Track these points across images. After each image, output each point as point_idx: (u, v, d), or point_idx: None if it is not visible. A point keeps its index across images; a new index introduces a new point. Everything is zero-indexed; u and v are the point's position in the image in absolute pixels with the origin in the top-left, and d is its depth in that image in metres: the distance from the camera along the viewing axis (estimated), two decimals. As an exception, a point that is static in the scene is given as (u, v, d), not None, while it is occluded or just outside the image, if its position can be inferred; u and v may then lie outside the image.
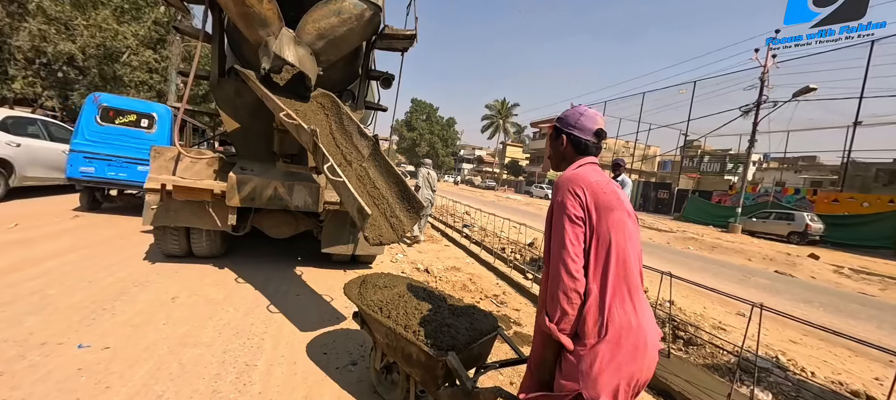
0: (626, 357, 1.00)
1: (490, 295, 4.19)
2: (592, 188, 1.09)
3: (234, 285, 3.62)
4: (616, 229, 1.07)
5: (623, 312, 1.03)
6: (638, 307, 1.06)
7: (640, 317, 1.04)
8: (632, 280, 1.07)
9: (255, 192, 3.58)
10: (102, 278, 3.40)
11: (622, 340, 1.01)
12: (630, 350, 1.01)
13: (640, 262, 1.13)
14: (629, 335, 1.01)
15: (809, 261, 9.24)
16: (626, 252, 1.07)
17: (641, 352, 1.01)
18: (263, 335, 2.70)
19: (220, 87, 3.93)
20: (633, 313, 1.04)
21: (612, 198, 1.10)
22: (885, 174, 20.05)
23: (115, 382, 1.98)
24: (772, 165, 30.93)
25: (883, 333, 4.80)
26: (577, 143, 1.22)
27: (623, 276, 1.06)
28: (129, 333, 2.48)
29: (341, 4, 3.27)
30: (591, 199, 1.08)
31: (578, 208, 1.07)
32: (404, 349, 1.70)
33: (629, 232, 1.10)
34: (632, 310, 1.04)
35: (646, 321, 1.06)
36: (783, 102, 15.73)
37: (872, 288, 7.38)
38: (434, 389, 1.61)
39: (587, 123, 1.22)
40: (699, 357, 3.13)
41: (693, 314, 4.25)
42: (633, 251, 1.10)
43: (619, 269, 1.05)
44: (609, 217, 1.07)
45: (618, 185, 1.18)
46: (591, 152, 1.23)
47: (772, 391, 2.67)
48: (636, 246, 1.12)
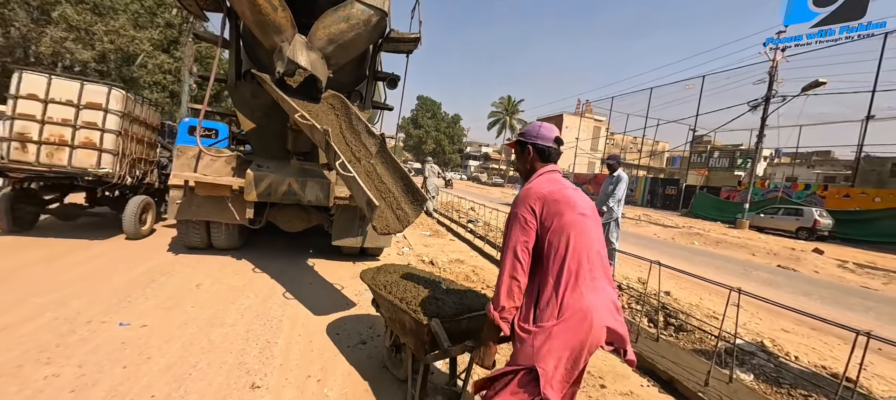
0: (573, 334, 1.18)
1: (491, 285, 4.40)
2: (545, 198, 1.31)
3: (253, 275, 3.89)
4: (567, 230, 1.27)
5: (574, 298, 1.22)
6: (588, 291, 1.23)
7: (589, 299, 1.22)
8: (582, 269, 1.25)
9: (271, 188, 3.85)
10: (134, 268, 3.70)
11: (571, 320, 1.19)
12: (576, 328, 1.18)
13: (598, 252, 1.31)
14: (576, 315, 1.19)
15: (814, 256, 9.24)
16: (579, 247, 1.26)
17: (586, 328, 1.18)
18: (281, 318, 2.96)
19: (237, 89, 4.18)
20: (581, 297, 1.22)
21: (564, 204, 1.30)
22: (901, 169, 19.68)
23: (154, 354, 2.25)
24: (784, 161, 30.47)
25: (880, 323, 4.89)
26: (542, 152, 1.44)
27: (575, 268, 1.25)
28: (163, 315, 2.77)
29: (350, 11, 3.50)
30: (543, 207, 1.30)
31: (531, 217, 1.29)
32: (400, 319, 1.92)
33: (583, 228, 1.29)
34: (580, 295, 1.22)
35: (595, 302, 1.22)
36: (792, 97, 15.57)
37: (875, 282, 7.40)
38: (422, 354, 1.80)
39: (547, 133, 1.44)
40: (688, 342, 3.31)
41: (688, 304, 4.40)
42: (588, 244, 1.28)
43: (572, 262, 1.25)
44: (561, 220, 1.28)
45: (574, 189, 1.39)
46: (552, 158, 1.45)
47: (754, 372, 2.84)
48: (592, 240, 1.31)
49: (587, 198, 1.40)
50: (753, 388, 2.59)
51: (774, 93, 16.04)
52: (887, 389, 2.93)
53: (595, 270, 1.27)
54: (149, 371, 2.08)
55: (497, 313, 1.30)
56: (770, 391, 2.60)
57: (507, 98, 53.42)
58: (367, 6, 3.52)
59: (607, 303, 1.26)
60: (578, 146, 36.40)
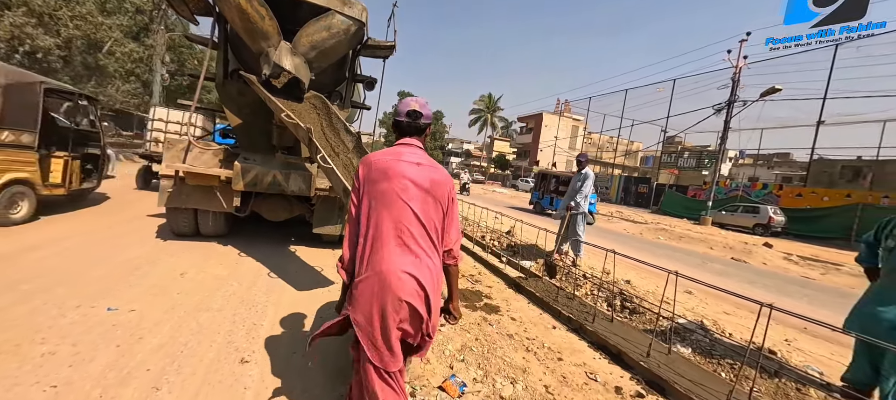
0: (371, 292, 1.32)
1: (466, 275, 4.69)
2: (371, 165, 1.42)
3: (236, 264, 4.02)
4: (379, 197, 1.38)
5: (378, 259, 1.34)
6: (390, 255, 1.34)
7: (389, 263, 1.33)
8: (388, 235, 1.36)
9: (257, 179, 4.16)
10: (115, 257, 3.77)
11: (371, 280, 1.33)
12: (373, 287, 1.32)
13: (416, 221, 1.38)
14: (374, 276, 1.32)
15: (764, 250, 10.05)
16: (387, 213, 1.36)
17: (386, 288, 1.31)
18: (266, 304, 3.13)
19: (225, 87, 4.51)
20: (381, 260, 1.33)
21: (384, 172, 1.39)
22: (849, 170, 21.30)
23: (146, 334, 2.40)
24: (747, 162, 32.34)
25: (812, 307, 5.49)
26: (397, 125, 1.54)
27: (380, 232, 1.36)
28: (150, 300, 2.89)
29: (331, 21, 3.90)
30: (366, 173, 1.43)
31: (356, 181, 1.45)
32: None
33: (395, 197, 1.37)
34: (380, 258, 1.34)
35: (395, 266, 1.32)
36: (752, 102, 16.65)
37: (815, 273, 8.19)
38: None
39: (402, 108, 1.52)
40: (640, 323, 3.70)
41: (645, 291, 4.83)
42: (398, 212, 1.37)
43: (378, 226, 1.36)
44: (378, 186, 1.38)
45: (412, 162, 1.43)
46: (406, 131, 1.52)
47: (692, 346, 3.24)
48: (403, 208, 1.37)
49: (427, 171, 1.43)
50: (689, 358, 2.98)
51: (736, 97, 17.08)
52: (803, 360, 3.40)
53: (404, 236, 1.36)
54: (142, 349, 2.24)
55: (339, 264, 1.50)
56: (703, 361, 3.00)
57: (488, 96, 53.98)
58: (347, 17, 3.94)
59: (407, 268, 1.33)
60: (557, 145, 37.34)
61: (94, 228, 4.85)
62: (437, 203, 1.43)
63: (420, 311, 1.35)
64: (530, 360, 2.71)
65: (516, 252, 5.79)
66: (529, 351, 2.84)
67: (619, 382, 2.56)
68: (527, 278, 4.59)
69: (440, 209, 1.44)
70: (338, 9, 3.91)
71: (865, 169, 19.88)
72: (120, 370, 2.01)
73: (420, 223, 1.39)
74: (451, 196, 1.48)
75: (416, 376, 2.26)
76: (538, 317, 3.62)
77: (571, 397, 2.29)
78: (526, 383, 2.35)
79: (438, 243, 1.44)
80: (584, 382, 2.50)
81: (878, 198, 15.22)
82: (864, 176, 19.69)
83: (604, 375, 2.63)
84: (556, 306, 3.71)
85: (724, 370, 2.88)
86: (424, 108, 1.53)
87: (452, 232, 1.50)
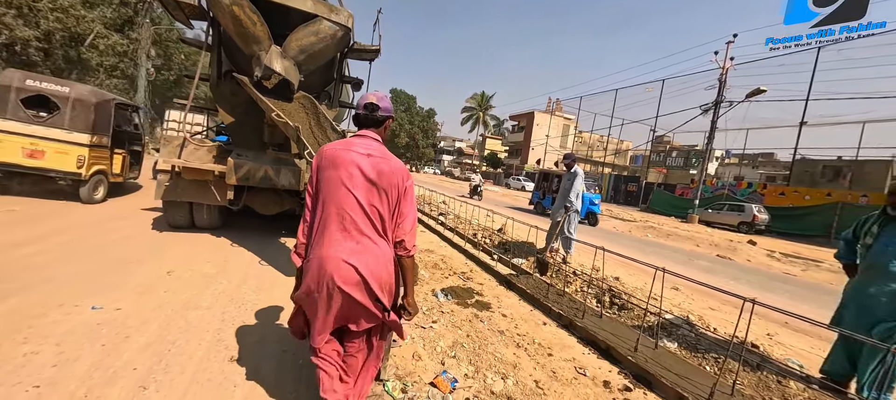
0: (312, 275, 1.43)
1: (458, 272, 4.71)
2: (324, 154, 1.48)
3: (225, 262, 3.97)
4: (326, 185, 1.45)
5: (320, 244, 1.44)
6: (330, 242, 1.42)
7: (328, 249, 1.41)
8: (332, 222, 1.43)
9: (250, 174, 4.37)
10: (98, 255, 3.68)
11: (312, 263, 1.44)
12: (313, 271, 1.42)
13: (360, 209, 1.44)
14: (318, 260, 1.42)
15: (748, 247, 10.31)
16: (332, 202, 1.43)
17: (323, 273, 1.40)
18: (255, 301, 3.10)
19: (219, 87, 4.80)
20: (321, 246, 1.43)
21: (333, 162, 1.45)
22: (830, 170, 21.90)
23: (132, 333, 2.36)
24: (733, 161, 33.03)
25: (793, 302, 5.65)
26: (356, 118, 1.60)
27: (325, 219, 1.44)
28: (136, 299, 2.84)
29: (319, 26, 4.13)
30: (319, 162, 1.49)
31: (312, 172, 1.51)
32: None
33: (339, 186, 1.43)
34: (321, 244, 1.43)
35: (334, 251, 1.40)
36: (738, 102, 16.99)
37: (796, 269, 8.43)
38: None
39: (361, 102, 1.57)
40: (628, 318, 3.76)
41: (633, 287, 4.91)
42: (341, 201, 1.43)
43: (323, 214, 1.45)
44: (323, 174, 1.45)
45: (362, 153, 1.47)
46: (362, 123, 1.56)
47: (678, 341, 3.31)
48: (346, 196, 1.43)
49: (376, 161, 1.47)
50: (675, 353, 3.04)
51: (723, 98, 17.42)
52: (784, 353, 3.50)
53: (346, 222, 1.42)
54: (129, 348, 2.20)
55: (293, 250, 1.59)
56: (688, 355, 3.07)
57: (481, 94, 54.05)
58: (334, 23, 4.18)
59: (346, 255, 1.40)
60: (548, 143, 37.60)
61: (85, 222, 4.73)
62: (383, 193, 1.46)
63: (356, 296, 1.40)
64: (521, 355, 2.74)
65: (508, 249, 5.83)
66: (520, 347, 2.87)
67: (607, 376, 2.61)
68: (518, 275, 4.63)
69: (386, 199, 1.47)
70: (325, 15, 4.14)
71: (845, 169, 20.49)
72: (106, 370, 1.98)
73: (363, 211, 1.43)
74: (403, 188, 1.50)
75: (407, 373, 2.27)
76: (529, 313, 3.66)
77: (561, 392, 2.32)
78: (516, 379, 2.38)
79: (385, 231, 1.48)
80: (573, 376, 2.54)
81: (857, 197, 15.71)
82: (843, 175, 20.28)
83: (593, 369, 2.68)
84: (546, 303, 3.75)
85: (708, 364, 2.95)
86: (382, 101, 1.56)
87: (405, 224, 1.52)
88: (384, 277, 1.46)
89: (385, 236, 1.48)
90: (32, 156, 5.45)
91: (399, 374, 2.25)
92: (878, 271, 2.49)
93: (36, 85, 5.53)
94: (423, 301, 3.52)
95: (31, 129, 5.42)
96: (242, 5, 3.75)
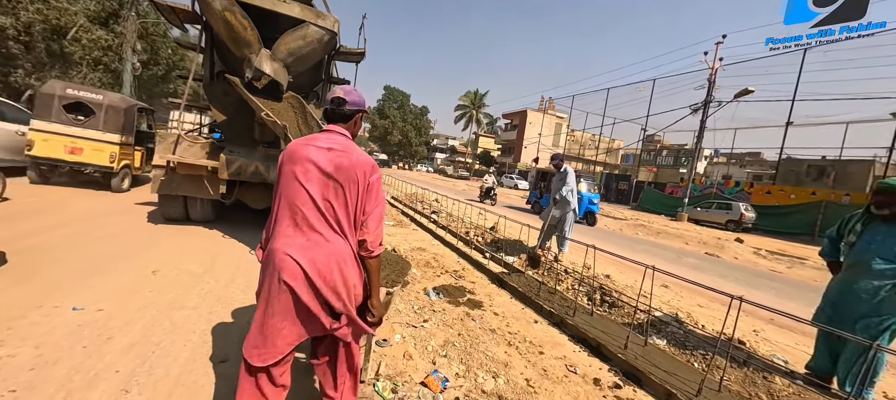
0: (266, 269, 1.38)
1: (450, 270, 4.70)
2: (286, 152, 1.44)
3: (213, 261, 3.90)
4: (282, 180, 1.41)
5: (273, 239, 1.39)
6: (284, 236, 1.37)
7: (281, 242, 1.36)
8: (285, 216, 1.39)
9: (241, 169, 4.57)
10: (86, 252, 3.59)
11: (268, 256, 1.39)
12: (268, 264, 1.37)
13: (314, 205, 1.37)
14: (269, 254, 1.38)
15: (735, 245, 10.49)
16: (286, 196, 1.39)
17: (272, 269, 1.34)
18: (244, 302, 3.05)
19: (212, 87, 5.17)
20: (276, 239, 1.37)
21: (291, 158, 1.41)
22: (815, 170, 22.41)
23: (115, 334, 2.30)
24: (721, 160, 33.58)
25: (779, 299, 5.77)
26: (325, 112, 1.58)
27: (280, 214, 1.40)
28: (119, 299, 2.77)
29: (306, 31, 4.40)
30: (282, 160, 1.44)
31: (277, 168, 1.46)
32: None
33: (293, 180, 1.38)
34: (276, 237, 1.38)
35: (281, 245, 1.35)
36: (726, 102, 17.26)
37: (781, 267, 8.60)
38: None
39: (329, 96, 1.54)
40: (618, 316, 3.79)
41: (624, 285, 4.95)
42: (294, 195, 1.38)
43: (278, 208, 1.42)
44: (281, 170, 1.42)
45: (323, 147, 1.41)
46: (330, 117, 1.53)
47: (667, 338, 3.35)
48: (299, 191, 1.37)
49: (335, 155, 1.41)
50: (664, 350, 3.08)
51: (712, 98, 17.68)
52: (770, 349, 3.56)
53: (298, 218, 1.37)
54: (111, 350, 2.14)
55: (258, 246, 1.59)
56: (677, 352, 3.10)
57: (474, 92, 54.07)
58: (320, 27, 4.44)
59: (293, 251, 1.34)
60: (541, 142, 37.77)
61: (64, 221, 4.60)
62: (339, 187, 1.39)
63: (300, 294, 1.33)
64: (512, 354, 2.74)
65: (500, 248, 5.84)
66: (511, 345, 2.87)
67: (597, 373, 2.62)
68: (510, 274, 4.64)
69: (345, 194, 1.39)
70: (312, 20, 4.41)
71: (829, 168, 20.97)
72: (86, 373, 1.92)
73: (315, 206, 1.37)
74: (365, 183, 1.42)
75: (397, 373, 2.26)
76: (520, 311, 3.66)
77: (552, 390, 2.33)
78: (507, 377, 2.38)
79: (343, 228, 1.40)
80: (564, 374, 2.55)
81: (840, 196, 16.10)
82: (827, 175, 20.76)
83: (583, 367, 2.69)
84: (538, 301, 3.76)
85: (696, 361, 2.99)
86: (349, 94, 1.51)
87: (369, 222, 1.44)
88: (334, 275, 1.36)
89: (341, 233, 1.40)
90: (73, 152, 6.46)
91: (389, 374, 2.23)
92: (861, 269, 2.54)
93: (75, 93, 6.50)
94: (415, 300, 3.50)
95: (72, 130, 6.42)
96: (234, 11, 3.95)
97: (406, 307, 3.29)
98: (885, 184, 2.51)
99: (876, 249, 2.48)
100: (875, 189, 2.57)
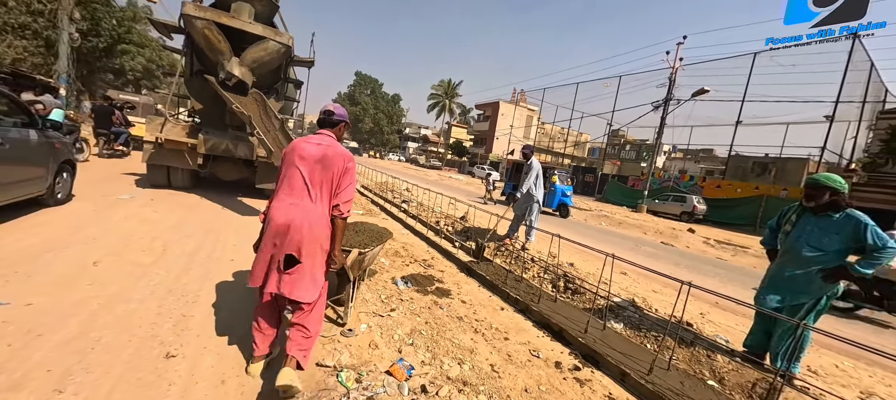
0: (270, 233, 1.93)
1: (419, 259, 4.68)
2: (291, 147, 2.04)
3: (164, 250, 3.64)
4: (283, 165, 2.03)
5: (272, 204, 1.99)
6: (279, 203, 1.96)
7: (277, 205, 1.96)
8: (282, 190, 1.98)
9: (215, 146, 5.99)
10: (5, 244, 3.22)
11: (270, 224, 1.95)
12: (272, 230, 1.93)
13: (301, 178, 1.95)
14: (272, 223, 1.93)
15: (688, 234, 11.25)
16: (284, 176, 2.00)
17: (270, 218, 1.96)
18: (198, 292, 2.87)
19: (192, 83, 6.65)
20: (276, 211, 1.94)
21: (292, 151, 2.01)
22: (759, 166, 24.35)
23: (46, 331, 2.09)
24: (678, 156, 35.66)
25: (723, 284, 6.24)
26: (318, 121, 2.14)
27: (279, 188, 2.00)
28: (53, 292, 2.52)
29: (267, 45, 6.05)
30: (286, 150, 2.06)
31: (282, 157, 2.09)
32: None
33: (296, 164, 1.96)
34: (275, 204, 1.98)
35: (277, 204, 1.96)
36: (684, 100, 18.25)
37: (727, 254, 9.33)
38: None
39: (321, 109, 2.13)
40: (580, 302, 3.95)
41: (586, 273, 5.17)
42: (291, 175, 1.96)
43: (281, 182, 2.01)
44: (287, 158, 2.03)
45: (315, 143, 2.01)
46: (321, 124, 2.11)
47: (624, 322, 3.54)
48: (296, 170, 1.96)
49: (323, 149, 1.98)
50: (621, 333, 3.24)
51: (672, 96, 18.63)
52: (714, 330, 3.86)
53: (293, 189, 1.96)
54: (41, 347, 1.95)
55: (262, 213, 2.11)
56: (632, 335, 3.28)
57: (447, 81, 53.71)
58: (278, 42, 6.10)
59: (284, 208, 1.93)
60: (513, 133, 38.30)
61: None
62: (325, 169, 1.96)
63: (291, 235, 1.89)
64: (478, 340, 2.78)
65: (469, 237, 5.89)
66: (477, 332, 2.91)
67: (559, 357, 2.72)
68: (478, 262, 4.69)
69: (328, 175, 1.97)
70: (272, 37, 6.05)
71: (771, 165, 22.86)
72: (11, 373, 1.74)
73: (304, 181, 1.96)
74: (343, 169, 1.99)
75: (362, 362, 2.22)
76: (488, 299, 3.72)
77: (515, 374, 2.39)
78: (473, 363, 2.42)
79: (321, 197, 1.97)
80: (527, 359, 2.62)
81: (779, 190, 17.62)
82: (770, 171, 22.64)
83: (546, 351, 2.78)
84: (505, 289, 3.84)
85: (649, 342, 3.18)
86: (337, 109, 2.14)
87: (342, 194, 2.00)
88: (311, 227, 1.92)
89: (318, 200, 1.96)
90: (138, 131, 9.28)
91: (354, 363, 2.19)
92: (793, 256, 2.79)
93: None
94: (383, 289, 3.46)
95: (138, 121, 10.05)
96: (211, 29, 5.60)
97: (373, 296, 3.24)
98: (812, 179, 2.76)
99: (805, 239, 2.73)
100: (806, 184, 2.82)
